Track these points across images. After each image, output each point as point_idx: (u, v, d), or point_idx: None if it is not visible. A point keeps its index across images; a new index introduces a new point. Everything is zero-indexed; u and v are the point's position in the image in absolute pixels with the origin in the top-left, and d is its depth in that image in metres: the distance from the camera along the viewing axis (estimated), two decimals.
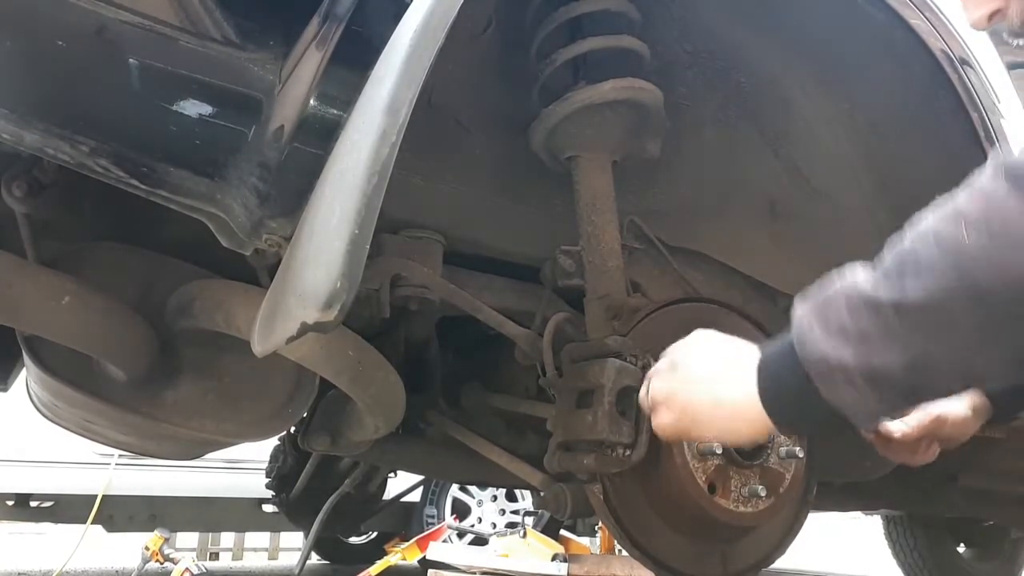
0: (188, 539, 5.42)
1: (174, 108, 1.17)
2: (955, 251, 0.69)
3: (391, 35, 1.01)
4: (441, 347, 2.01)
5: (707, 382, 0.93)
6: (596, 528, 4.33)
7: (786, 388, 0.84)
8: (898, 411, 1.15)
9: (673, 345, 1.01)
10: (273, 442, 2.98)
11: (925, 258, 0.71)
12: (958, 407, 1.25)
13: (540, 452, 1.50)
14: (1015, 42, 1.14)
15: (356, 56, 1.11)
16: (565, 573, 2.24)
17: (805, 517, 1.68)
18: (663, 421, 0.98)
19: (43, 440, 3.44)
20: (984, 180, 0.71)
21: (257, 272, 1.50)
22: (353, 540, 4.25)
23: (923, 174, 1.76)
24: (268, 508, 4.40)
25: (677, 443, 1.40)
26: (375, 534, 4.31)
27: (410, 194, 1.47)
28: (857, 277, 0.77)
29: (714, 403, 0.91)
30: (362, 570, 2.76)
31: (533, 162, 1.49)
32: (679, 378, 0.96)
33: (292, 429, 2.49)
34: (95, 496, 3.59)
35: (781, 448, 1.47)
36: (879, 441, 1.27)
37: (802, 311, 0.81)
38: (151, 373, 1.55)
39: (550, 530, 3.30)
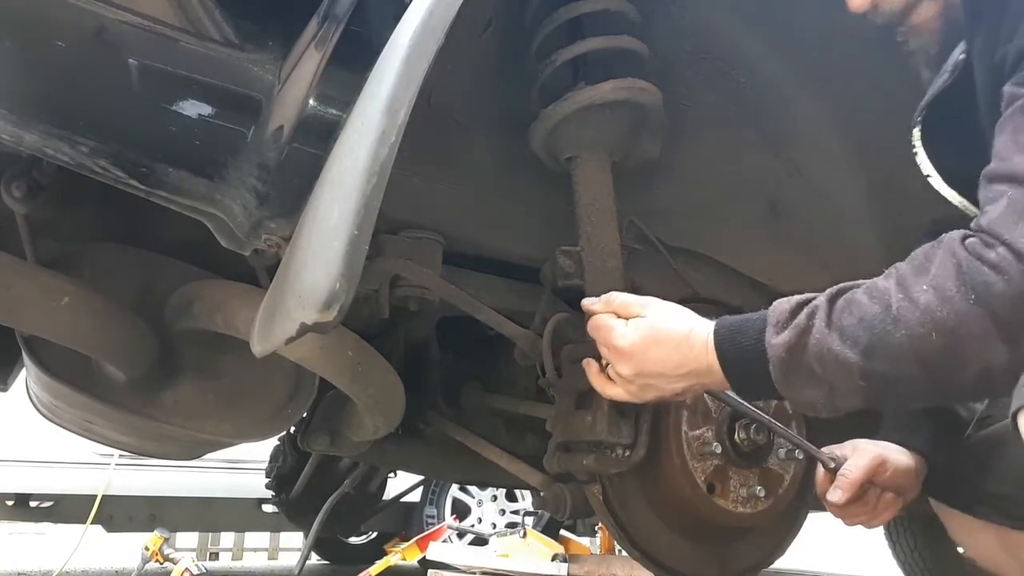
0: (188, 539, 5.42)
1: (173, 108, 1.17)
2: (922, 358, 0.86)
3: (391, 35, 1.01)
4: (441, 347, 2.01)
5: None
6: (596, 528, 4.33)
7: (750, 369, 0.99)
8: None
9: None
10: (273, 442, 2.98)
11: (895, 346, 0.87)
12: (899, 455, 1.23)
13: (540, 452, 1.50)
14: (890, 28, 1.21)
15: (355, 56, 1.11)
16: (565, 573, 2.24)
17: (804, 517, 1.68)
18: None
19: (43, 440, 3.43)
20: (954, 284, 0.84)
21: (256, 272, 1.50)
22: (353, 540, 4.25)
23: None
24: (268, 508, 4.41)
25: (677, 441, 1.40)
26: (375, 534, 4.32)
27: (410, 194, 1.47)
28: (831, 330, 0.92)
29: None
30: (362, 570, 2.76)
31: (533, 162, 1.49)
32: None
33: (292, 429, 2.49)
34: (95, 496, 3.58)
35: (780, 449, 1.47)
36: (831, 505, 1.22)
37: (777, 343, 0.95)
38: (151, 374, 1.55)
39: (550, 530, 3.31)
